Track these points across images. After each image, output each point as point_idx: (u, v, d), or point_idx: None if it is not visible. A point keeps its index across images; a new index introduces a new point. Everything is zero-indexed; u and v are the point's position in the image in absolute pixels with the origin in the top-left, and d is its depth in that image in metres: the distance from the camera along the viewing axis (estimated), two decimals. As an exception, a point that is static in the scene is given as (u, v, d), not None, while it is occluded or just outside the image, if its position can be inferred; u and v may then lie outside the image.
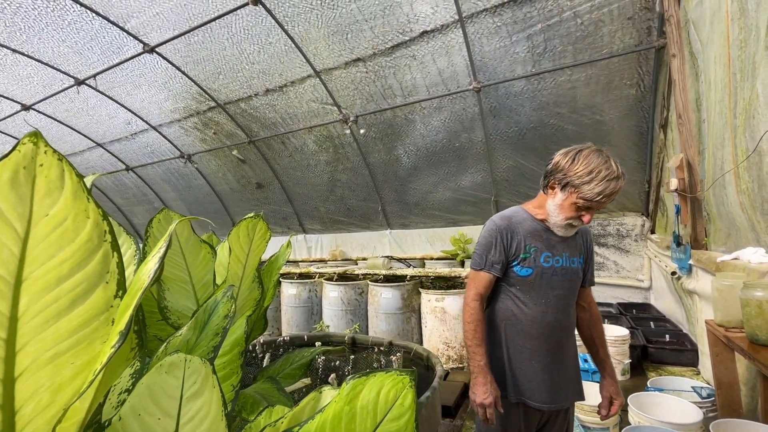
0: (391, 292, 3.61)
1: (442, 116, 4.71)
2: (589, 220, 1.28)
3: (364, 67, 4.45)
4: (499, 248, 1.36)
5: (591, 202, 1.24)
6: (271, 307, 4.57)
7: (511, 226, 1.38)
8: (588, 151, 1.27)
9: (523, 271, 1.35)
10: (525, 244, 1.35)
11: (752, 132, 1.84)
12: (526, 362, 1.35)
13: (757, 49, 1.75)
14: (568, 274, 1.38)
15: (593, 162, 1.23)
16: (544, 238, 1.37)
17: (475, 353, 1.34)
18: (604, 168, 1.21)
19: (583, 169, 1.23)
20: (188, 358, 0.62)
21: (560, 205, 1.30)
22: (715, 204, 2.50)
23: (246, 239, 1.07)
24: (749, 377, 1.94)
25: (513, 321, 1.37)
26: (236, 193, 7.25)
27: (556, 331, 1.36)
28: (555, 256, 1.36)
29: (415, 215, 5.94)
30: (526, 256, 1.35)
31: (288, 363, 1.29)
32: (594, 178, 1.21)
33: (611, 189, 1.21)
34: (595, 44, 3.66)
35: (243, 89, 5.16)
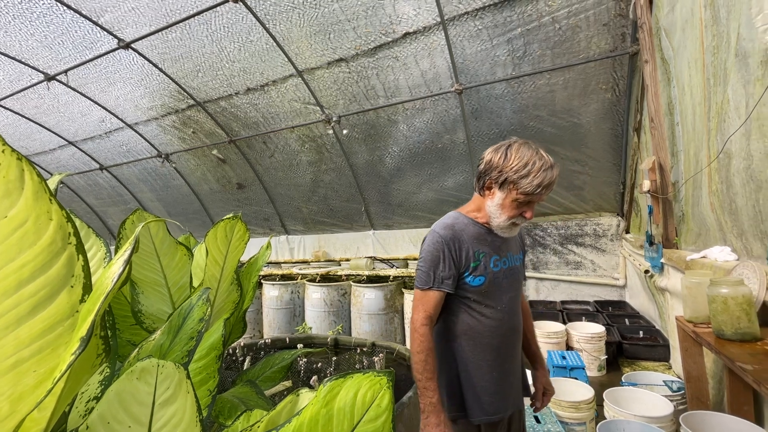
0: (374, 293, 3.61)
1: (425, 117, 4.74)
2: (531, 215, 1.23)
3: (347, 67, 4.44)
4: (447, 262, 1.24)
5: (531, 196, 1.19)
6: (252, 309, 4.50)
7: (456, 235, 1.27)
8: (517, 145, 1.23)
9: (476, 281, 1.26)
10: (473, 252, 1.26)
11: (723, 135, 1.92)
12: (486, 376, 1.25)
13: (728, 55, 1.83)
14: (515, 273, 1.35)
15: (525, 155, 1.19)
16: (489, 242, 1.30)
17: (427, 388, 1.18)
18: (537, 159, 1.18)
19: (517, 164, 1.18)
20: (161, 363, 0.60)
21: (501, 204, 1.23)
22: (691, 204, 2.59)
23: (224, 240, 1.05)
24: (716, 371, 2.02)
25: (471, 335, 1.27)
26: (216, 194, 7.11)
27: (513, 335, 1.31)
28: (502, 258, 1.31)
29: (399, 216, 5.96)
30: (477, 264, 1.26)
31: (268, 366, 1.26)
32: (531, 171, 1.16)
33: (549, 179, 1.17)
34: (573, 49, 3.76)
35: (223, 87, 5.06)
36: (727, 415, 1.70)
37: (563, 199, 4.84)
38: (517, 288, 1.35)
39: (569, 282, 4.87)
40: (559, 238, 4.93)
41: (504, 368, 1.29)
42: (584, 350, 3.09)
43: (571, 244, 4.87)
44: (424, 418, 1.18)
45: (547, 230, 5.01)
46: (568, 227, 4.90)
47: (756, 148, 1.63)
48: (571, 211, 4.89)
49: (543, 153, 1.21)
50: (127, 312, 1.16)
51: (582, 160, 4.50)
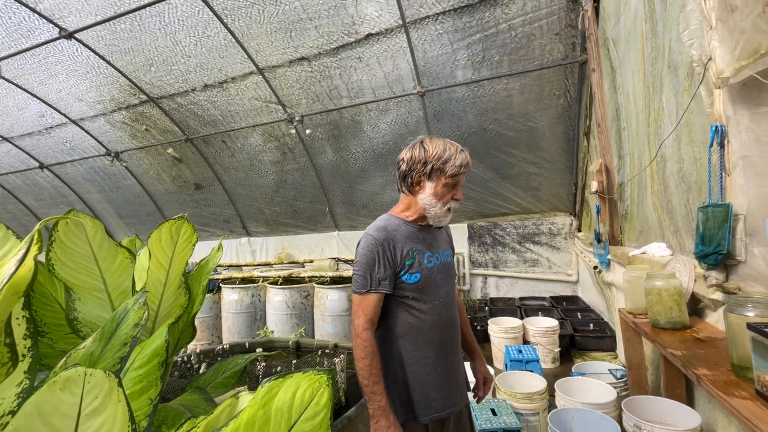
0: (338, 294, 3.58)
1: (388, 119, 4.77)
2: (461, 196, 1.34)
3: (309, 66, 4.38)
4: (383, 263, 1.25)
5: (457, 177, 1.30)
6: (210, 314, 4.32)
7: (389, 236, 1.29)
8: (427, 139, 1.34)
9: (412, 278, 1.27)
10: (407, 250, 1.29)
11: (659, 140, 2.08)
12: (430, 373, 1.26)
13: (663, 66, 1.98)
14: (447, 267, 1.38)
15: (439, 145, 1.30)
16: (421, 239, 1.33)
17: (374, 393, 1.18)
18: (450, 145, 1.31)
19: (437, 153, 1.28)
20: (89, 372, 0.56)
21: (434, 192, 1.29)
22: (637, 204, 2.77)
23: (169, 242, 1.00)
24: (654, 358, 2.19)
25: (412, 333, 1.27)
26: (172, 194, 6.78)
27: (452, 327, 1.34)
28: (435, 254, 1.34)
29: (364, 216, 5.96)
30: (411, 262, 1.28)
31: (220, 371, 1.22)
32: (450, 155, 1.28)
33: (466, 159, 1.30)
34: (528, 56, 3.93)
35: (179, 83, 4.84)
36: (663, 399, 1.84)
37: (521, 200, 5.04)
38: (451, 282, 1.39)
39: (527, 279, 5.08)
40: (518, 237, 5.14)
41: (448, 362, 1.32)
42: (539, 344, 3.23)
43: (528, 243, 5.08)
44: (374, 423, 1.18)
45: (506, 230, 5.19)
46: (526, 226, 5.11)
47: (686, 152, 1.78)
48: (529, 211, 5.11)
49: (450, 142, 1.33)
50: (62, 320, 1.08)
51: (538, 163, 4.71)
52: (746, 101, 1.32)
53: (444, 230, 1.49)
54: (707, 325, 1.70)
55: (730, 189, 1.44)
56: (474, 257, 5.37)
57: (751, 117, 1.31)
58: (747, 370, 1.18)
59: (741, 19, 1.25)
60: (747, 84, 1.30)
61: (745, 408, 1.03)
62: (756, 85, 1.27)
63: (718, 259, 1.45)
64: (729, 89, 1.38)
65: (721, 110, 1.44)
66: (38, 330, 0.96)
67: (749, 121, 1.32)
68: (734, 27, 1.29)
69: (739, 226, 1.37)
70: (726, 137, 1.44)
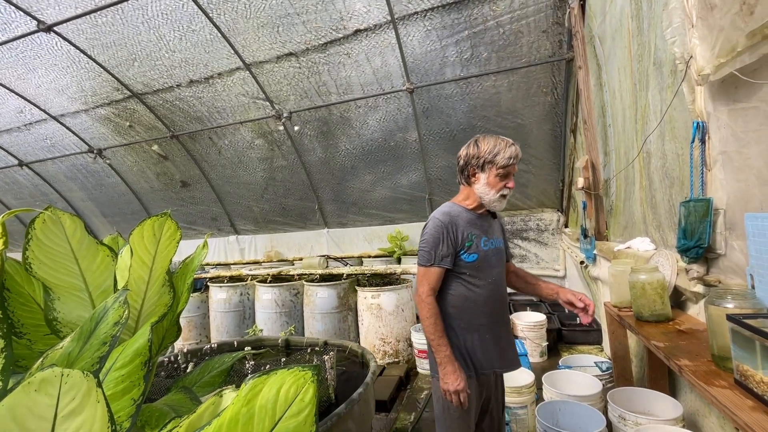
0: (327, 292, 3.57)
1: (378, 115, 4.76)
2: (513, 184, 1.51)
3: (297, 62, 4.34)
4: (446, 242, 1.49)
5: (508, 168, 1.48)
6: (198, 313, 4.27)
7: (453, 220, 1.52)
8: (480, 137, 1.56)
9: (470, 258, 1.50)
10: (467, 233, 1.51)
11: (646, 135, 2.10)
12: (482, 338, 1.50)
13: (649, 63, 2.00)
14: (500, 252, 1.60)
15: (490, 140, 1.51)
16: (479, 225, 1.55)
17: (440, 345, 1.47)
18: (500, 140, 1.50)
19: (489, 148, 1.48)
20: (65, 373, 0.55)
21: (487, 182, 1.50)
22: (623, 199, 2.82)
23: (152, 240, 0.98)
24: (638, 350, 2.23)
25: (467, 305, 1.51)
26: (158, 192, 6.66)
27: (500, 303, 1.55)
28: (490, 239, 1.56)
29: (353, 214, 5.94)
30: (470, 244, 1.50)
31: (206, 371, 1.20)
32: (500, 149, 1.48)
33: (515, 151, 1.51)
34: (516, 53, 3.95)
35: (163, 79, 4.74)
36: (647, 390, 1.88)
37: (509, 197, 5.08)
38: (502, 264, 1.61)
39: (515, 275, 5.13)
40: (506, 233, 5.18)
41: (495, 332, 1.53)
42: (527, 338, 3.27)
43: (517, 239, 5.13)
44: (442, 369, 1.47)
45: (495, 226, 5.24)
46: (514, 222, 5.16)
47: (669, 148, 1.81)
48: (517, 207, 5.16)
49: (503, 137, 1.53)
50: (41, 320, 1.05)
51: (526, 159, 4.75)
52: (724, 98, 1.35)
53: (498, 220, 1.70)
54: (689, 317, 1.74)
55: (711, 184, 1.47)
56: (463, 253, 5.40)
57: (729, 113, 1.34)
58: (726, 360, 1.21)
59: (720, 17, 1.27)
60: (725, 81, 1.33)
61: (724, 397, 1.06)
62: (733, 81, 1.29)
63: (699, 252, 1.48)
64: (709, 86, 1.41)
65: (702, 107, 1.47)
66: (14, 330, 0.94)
67: (727, 117, 1.35)
68: (713, 25, 1.31)
69: (719, 221, 1.40)
70: (707, 133, 1.47)
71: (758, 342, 1.03)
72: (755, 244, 1.20)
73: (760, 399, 1.01)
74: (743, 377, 1.09)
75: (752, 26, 1.11)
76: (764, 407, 0.98)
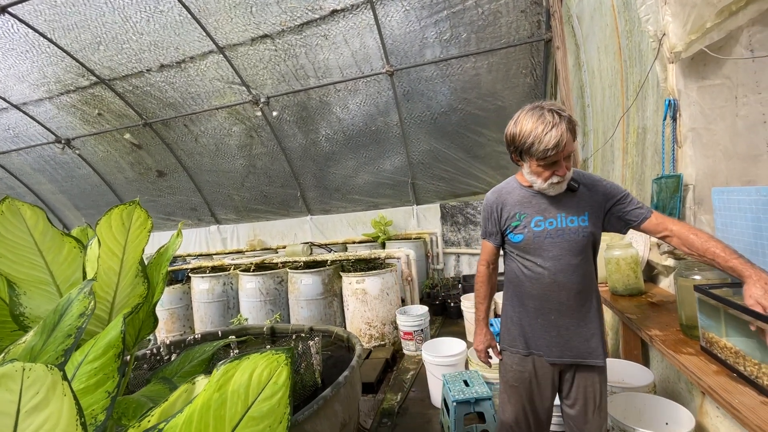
0: (312, 278, 3.56)
1: (358, 99, 4.68)
2: (565, 171, 1.26)
3: (273, 44, 4.20)
4: (492, 220, 1.47)
5: (547, 159, 1.24)
6: (181, 305, 4.20)
7: (501, 198, 1.46)
8: (523, 114, 1.28)
9: (515, 238, 1.41)
10: (515, 213, 1.41)
11: (643, 111, 2.04)
12: (532, 320, 1.42)
13: (642, 38, 1.99)
14: (566, 234, 1.34)
15: (527, 124, 1.24)
16: (533, 203, 1.39)
17: (477, 309, 1.58)
18: (539, 124, 1.21)
19: (524, 134, 1.24)
20: (27, 367, 0.53)
21: (530, 171, 1.32)
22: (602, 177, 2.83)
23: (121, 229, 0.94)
24: (614, 323, 2.32)
25: (517, 282, 1.45)
26: (133, 183, 6.45)
27: (555, 291, 1.36)
28: (548, 219, 1.36)
29: (336, 200, 5.90)
30: (517, 224, 1.41)
31: (187, 360, 1.18)
32: (535, 139, 1.21)
33: (555, 138, 1.19)
34: (495, 34, 3.93)
35: (132, 63, 4.53)
36: (621, 360, 1.97)
37: (491, 179, 5.13)
38: (568, 248, 1.34)
39: (498, 256, 5.22)
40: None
41: (549, 319, 1.38)
42: (509, 317, 3.35)
43: (498, 221, 5.20)
44: (476, 327, 1.59)
45: (477, 208, 5.29)
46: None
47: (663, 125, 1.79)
48: (498, 189, 5.21)
49: (547, 114, 1.22)
50: (6, 316, 1.01)
51: (506, 141, 4.78)
52: (694, 75, 1.37)
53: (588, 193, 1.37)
54: (660, 290, 1.81)
55: (681, 160, 1.51)
56: (447, 236, 5.45)
57: (698, 91, 1.36)
58: (694, 329, 1.26)
59: (692, -6, 1.28)
60: (695, 58, 1.35)
61: (691, 363, 1.11)
62: (702, 59, 1.31)
63: (670, 227, 1.53)
64: (680, 64, 1.43)
65: (674, 84, 1.49)
66: (-23, 328, 0.90)
67: (696, 94, 1.37)
68: (686, 1, 1.32)
69: (689, 196, 1.45)
70: (678, 111, 1.49)
71: (722, 310, 1.08)
72: (721, 217, 1.24)
73: (724, 363, 1.06)
74: (709, 344, 1.14)
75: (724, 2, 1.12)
76: (727, 371, 1.03)
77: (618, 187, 1.37)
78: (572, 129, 1.23)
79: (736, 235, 1.15)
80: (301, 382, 1.98)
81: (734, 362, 1.02)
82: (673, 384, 1.86)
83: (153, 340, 2.90)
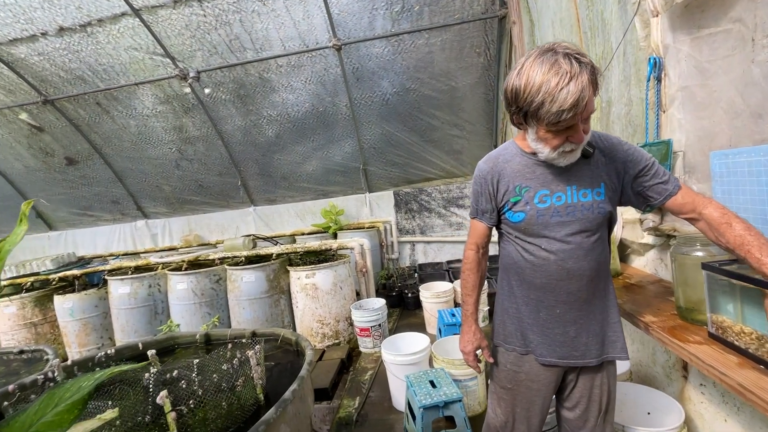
0: (254, 275, 3.15)
1: (303, 76, 4.26)
2: (582, 137, 0.99)
3: (201, 8, 3.64)
4: (485, 196, 1.20)
5: (560, 124, 0.94)
6: (97, 313, 3.57)
7: (497, 168, 1.18)
8: (530, 61, 0.96)
9: (515, 217, 1.15)
10: (515, 186, 1.14)
11: (608, 84, 1.91)
12: (533, 314, 1.18)
13: (604, 6, 1.83)
14: (577, 210, 1.09)
15: (537, 76, 0.93)
16: (537, 174, 1.12)
17: (464, 302, 1.34)
18: (552, 76, 0.90)
19: (531, 92, 0.94)
20: None
21: (537, 138, 1.04)
22: None
23: None
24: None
25: (516, 269, 1.21)
26: (36, 173, 5.47)
27: (564, 280, 1.11)
28: (555, 193, 1.10)
29: (283, 189, 5.43)
30: (517, 200, 1.14)
31: (51, 404, 0.80)
32: (546, 97, 0.91)
33: (574, 96, 0.89)
34: (449, 8, 3.71)
35: (19, 24, 3.72)
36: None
37: (445, 164, 4.98)
38: (580, 228, 1.10)
39: (453, 242, 5.12)
40: (443, 202, 5.11)
41: (555, 312, 1.14)
42: (470, 305, 3.20)
43: (453, 207, 5.09)
44: (461, 326, 1.36)
45: (431, 195, 5.13)
46: (450, 191, 5.09)
47: (635, 93, 1.65)
48: (452, 174, 5.09)
49: (563, 61, 0.91)
50: None
51: (460, 125, 4.64)
52: (687, 25, 1.21)
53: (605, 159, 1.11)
54: (636, 270, 1.70)
55: (667, 126, 1.36)
56: (401, 225, 5.25)
57: (692, 42, 1.20)
58: (694, 311, 1.11)
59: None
60: (689, 6, 1.19)
61: (705, 354, 0.94)
62: (699, 5, 1.15)
63: (653, 201, 1.39)
64: (670, 14, 1.26)
65: (658, 40, 1.33)
66: None
67: (690, 47, 1.21)
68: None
69: (677, 164, 1.30)
70: (663, 70, 1.34)
71: (739, 290, 0.92)
72: (723, 184, 1.09)
73: (744, 353, 0.90)
74: (720, 329, 0.99)
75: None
76: (751, 363, 0.87)
77: (643, 153, 1.11)
78: (594, 81, 0.93)
79: (744, 203, 1.00)
80: (238, 402, 1.63)
81: (759, 350, 0.87)
82: (647, 368, 1.78)
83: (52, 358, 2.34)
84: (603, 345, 1.14)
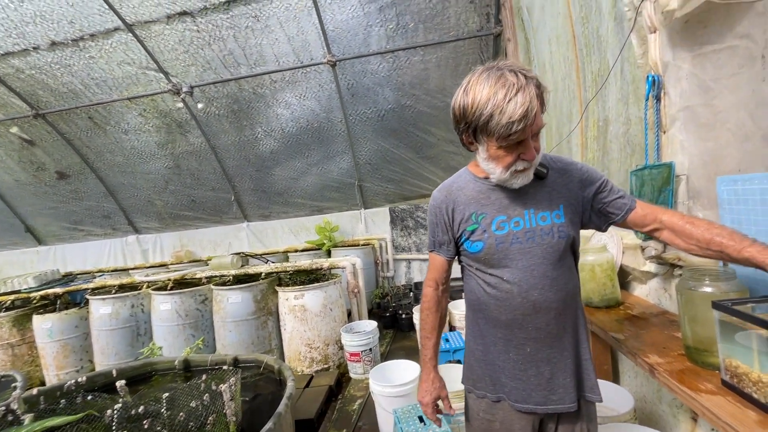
0: (241, 295, 3.03)
1: (297, 92, 4.22)
2: (533, 154, 0.96)
3: (194, 24, 3.62)
4: (440, 226, 1.14)
5: (511, 137, 0.90)
6: (77, 333, 3.43)
7: (451, 196, 1.12)
8: (476, 78, 0.94)
9: (473, 247, 1.07)
10: (470, 213, 1.08)
11: (604, 101, 1.85)
12: (503, 355, 1.08)
13: (600, 22, 1.78)
14: (537, 235, 1.03)
15: (483, 90, 0.90)
16: (493, 200, 1.07)
17: (423, 346, 1.24)
18: (499, 88, 0.88)
19: (480, 105, 0.91)
20: None
21: (488, 157, 0.99)
22: None
23: None
24: (581, 335, 2.10)
25: (479, 305, 1.11)
26: (27, 187, 5.39)
27: (530, 314, 1.03)
28: (513, 218, 1.04)
29: (278, 204, 5.35)
30: (474, 228, 1.07)
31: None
32: (494, 109, 0.88)
33: (522, 106, 0.87)
34: (444, 25, 3.69)
35: (12, 38, 3.69)
36: (593, 380, 1.71)
37: (441, 180, 4.89)
38: (543, 255, 1.02)
39: (450, 261, 5.00)
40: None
41: (525, 351, 1.05)
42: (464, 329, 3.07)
43: (450, 224, 4.99)
44: (421, 373, 1.25)
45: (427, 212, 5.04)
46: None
47: (633, 112, 1.57)
48: (449, 191, 5.00)
49: (508, 74, 0.90)
50: None
51: (456, 141, 4.57)
52: (688, 42, 1.13)
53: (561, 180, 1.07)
54: (638, 299, 1.59)
55: (668, 147, 1.27)
56: (397, 242, 5.14)
57: (693, 60, 1.13)
58: (704, 353, 1.00)
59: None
60: (689, 21, 1.11)
61: (719, 409, 0.83)
62: (700, 20, 1.08)
63: (655, 227, 1.29)
64: (669, 30, 1.19)
65: (657, 57, 1.26)
66: None
67: (691, 65, 1.14)
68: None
69: (681, 188, 1.21)
70: (663, 89, 1.26)
71: (755, 334, 0.82)
72: (731, 212, 1.00)
73: (765, 408, 0.79)
74: (734, 377, 0.88)
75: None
76: (774, 421, 0.76)
77: (595, 171, 1.10)
78: (541, 96, 0.92)
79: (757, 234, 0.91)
80: (207, 442, 1.49)
81: (781, 407, 0.76)
82: (652, 405, 1.65)
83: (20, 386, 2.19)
84: (579, 384, 1.06)
